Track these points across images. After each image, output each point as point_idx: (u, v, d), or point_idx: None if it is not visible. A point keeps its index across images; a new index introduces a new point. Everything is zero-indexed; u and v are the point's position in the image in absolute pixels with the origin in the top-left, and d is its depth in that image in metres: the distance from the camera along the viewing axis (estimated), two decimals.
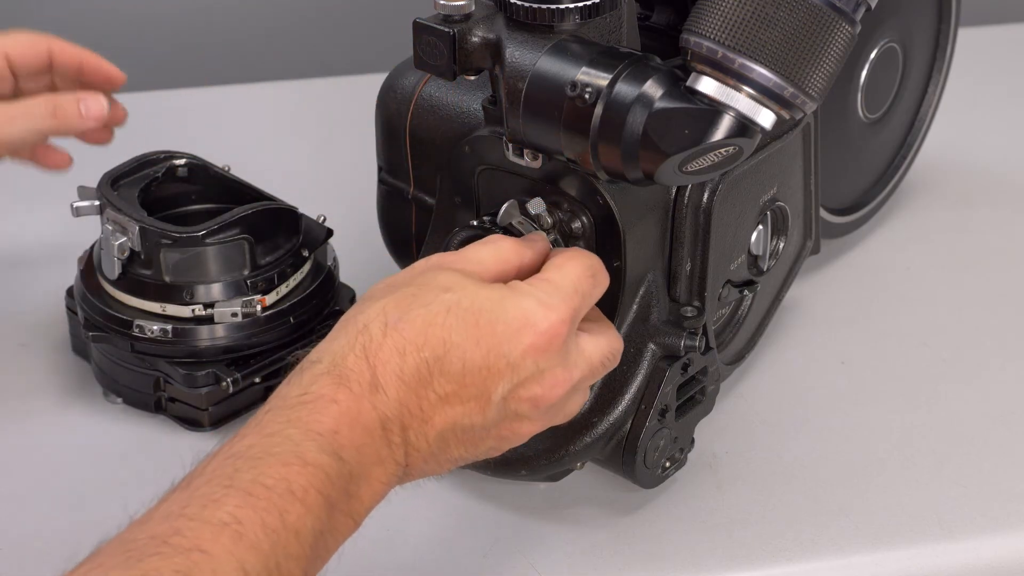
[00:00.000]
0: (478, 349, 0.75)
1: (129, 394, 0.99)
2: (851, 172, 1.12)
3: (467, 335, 0.75)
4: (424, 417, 0.74)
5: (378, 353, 0.74)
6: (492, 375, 0.75)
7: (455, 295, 0.76)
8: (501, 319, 0.75)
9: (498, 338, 0.75)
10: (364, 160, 1.11)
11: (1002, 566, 0.89)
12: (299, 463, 0.70)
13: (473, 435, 0.76)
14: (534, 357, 0.76)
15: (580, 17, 0.83)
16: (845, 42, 0.80)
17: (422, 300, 0.75)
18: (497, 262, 0.79)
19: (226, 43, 1.53)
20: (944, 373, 1.04)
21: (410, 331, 0.74)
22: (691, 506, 0.92)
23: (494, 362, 0.75)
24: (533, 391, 0.76)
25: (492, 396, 0.75)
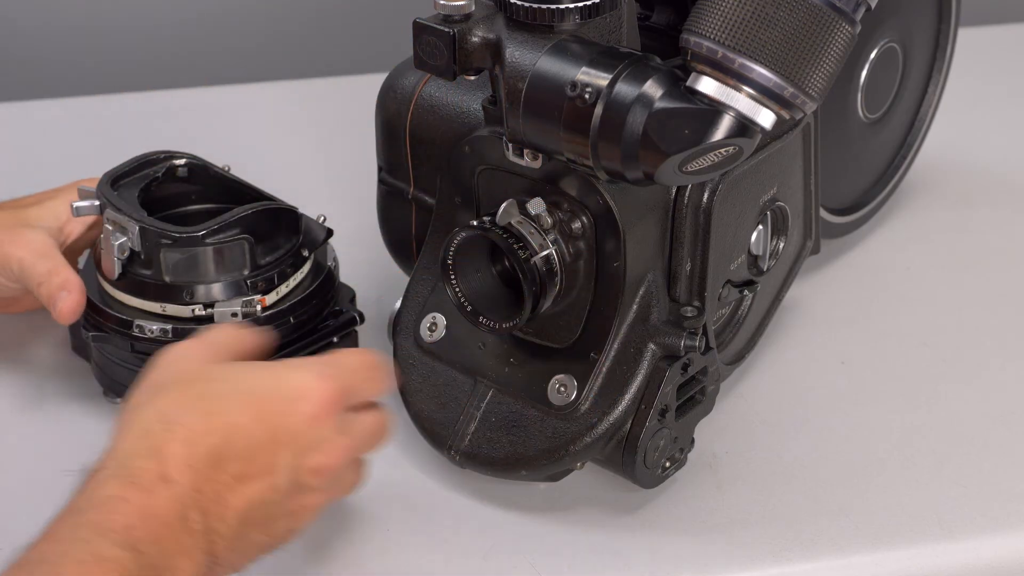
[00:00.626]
0: (260, 426, 0.77)
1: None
2: (851, 172, 1.12)
3: (248, 415, 0.77)
4: (222, 501, 0.75)
5: (164, 449, 0.74)
6: (277, 448, 0.77)
7: (228, 383, 0.78)
8: (278, 394, 0.78)
9: (278, 412, 0.77)
10: (364, 160, 1.11)
11: (1002, 566, 0.89)
12: (95, 560, 0.70)
13: (269, 513, 0.77)
14: (314, 426, 0.78)
15: (580, 17, 0.83)
16: (845, 42, 0.80)
17: (197, 392, 0.77)
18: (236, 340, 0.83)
19: (226, 43, 1.53)
20: (944, 373, 1.04)
21: (193, 422, 0.76)
22: (691, 506, 0.92)
23: (277, 435, 0.77)
24: (317, 460, 0.78)
25: (280, 468, 0.77)
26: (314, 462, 0.78)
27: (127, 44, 1.51)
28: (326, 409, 0.78)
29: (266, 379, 0.79)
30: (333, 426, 0.79)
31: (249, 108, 1.40)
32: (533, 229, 0.85)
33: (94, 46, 1.51)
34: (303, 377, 0.79)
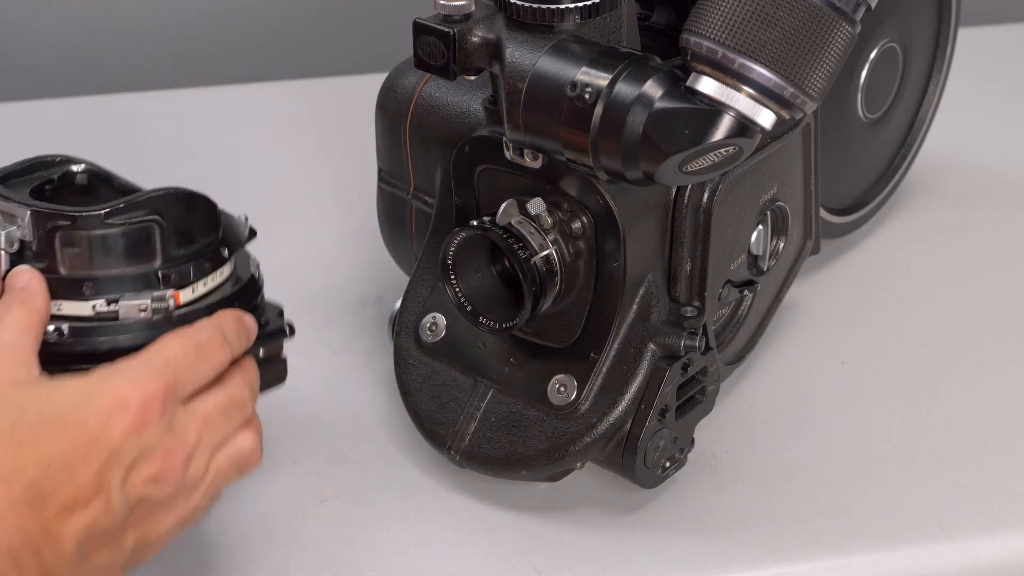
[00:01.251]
0: (77, 451, 0.71)
1: None
2: (851, 172, 1.12)
3: (63, 442, 0.71)
4: (53, 536, 0.70)
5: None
6: (100, 470, 0.71)
7: (34, 411, 0.72)
8: (90, 411, 0.72)
9: (93, 432, 0.72)
10: (364, 160, 1.11)
11: (1002, 566, 0.89)
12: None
13: (110, 535, 0.73)
14: (134, 437, 0.72)
15: (580, 17, 0.83)
16: (845, 42, 0.80)
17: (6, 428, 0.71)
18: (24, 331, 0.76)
19: (226, 43, 1.53)
20: (944, 373, 1.04)
21: (6, 462, 0.70)
22: (691, 506, 0.92)
23: (97, 456, 0.71)
24: (147, 471, 0.73)
25: (111, 489, 0.72)
26: (145, 473, 0.73)
27: (127, 44, 1.51)
28: (146, 415, 0.73)
29: (77, 396, 0.72)
30: (157, 430, 0.73)
31: (249, 108, 1.40)
32: (533, 229, 0.85)
33: (94, 46, 1.51)
34: (116, 386, 0.73)
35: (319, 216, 1.19)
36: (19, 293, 0.77)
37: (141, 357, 0.75)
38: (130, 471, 0.72)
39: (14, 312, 0.76)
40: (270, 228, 1.21)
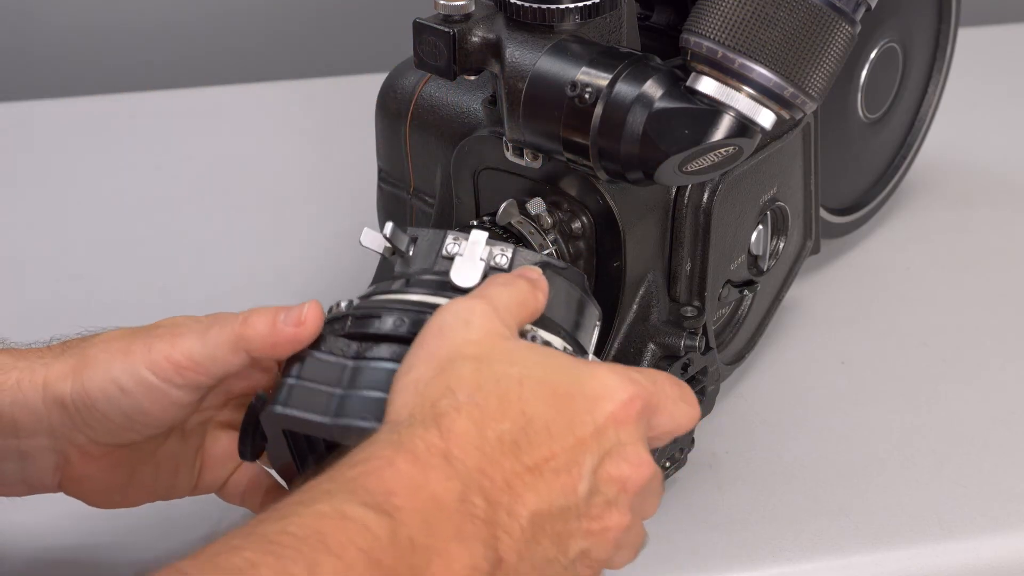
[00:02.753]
0: (561, 418, 0.68)
1: None
2: (851, 172, 1.12)
3: (547, 405, 0.68)
4: (514, 493, 0.66)
5: (452, 427, 0.66)
6: (579, 444, 0.68)
7: (525, 369, 0.69)
8: (578, 389, 0.69)
9: (578, 407, 0.68)
10: (364, 160, 1.11)
11: (1002, 566, 0.89)
12: (336, 516, 0.61)
13: (565, 524, 0.67)
14: (616, 428, 0.69)
15: (580, 17, 0.83)
16: (845, 42, 0.80)
17: (490, 375, 0.68)
18: (521, 306, 0.73)
19: (226, 43, 1.53)
20: (944, 373, 1.04)
21: (486, 405, 0.67)
22: (691, 506, 0.92)
23: (579, 430, 0.68)
24: (621, 468, 0.69)
25: (583, 468, 0.68)
26: (619, 471, 0.69)
27: (127, 44, 1.51)
28: (628, 411, 0.69)
29: (567, 371, 0.69)
30: (635, 433, 0.69)
31: (249, 108, 1.40)
32: (533, 229, 0.85)
33: (94, 46, 1.51)
34: (607, 376, 0.70)
35: (319, 216, 1.19)
36: (530, 279, 0.74)
37: (635, 368, 0.72)
38: (604, 459, 0.68)
39: (521, 283, 0.73)
40: (270, 228, 1.21)
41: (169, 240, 1.18)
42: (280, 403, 0.72)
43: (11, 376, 0.76)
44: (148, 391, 0.75)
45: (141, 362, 0.75)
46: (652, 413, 0.71)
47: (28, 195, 1.25)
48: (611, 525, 0.69)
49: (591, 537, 0.69)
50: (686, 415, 0.73)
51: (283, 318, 0.74)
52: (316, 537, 0.60)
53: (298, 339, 0.74)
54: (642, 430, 0.70)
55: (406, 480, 0.63)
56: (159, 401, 0.75)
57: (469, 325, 0.70)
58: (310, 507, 0.61)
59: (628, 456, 0.69)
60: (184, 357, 0.75)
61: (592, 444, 0.68)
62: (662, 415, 0.72)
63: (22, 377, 0.76)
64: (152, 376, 0.75)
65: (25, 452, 0.77)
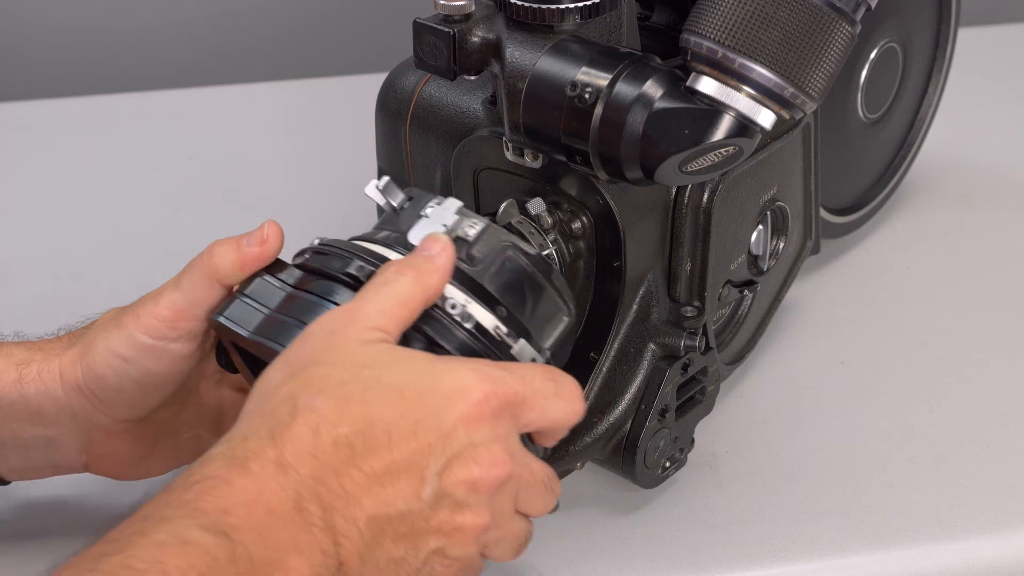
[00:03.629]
0: (404, 422, 0.67)
1: None
2: (851, 172, 1.12)
3: (391, 409, 0.67)
4: (350, 499, 0.66)
5: (285, 433, 0.66)
6: (422, 449, 0.67)
7: (374, 371, 0.68)
8: (430, 390, 0.68)
9: (427, 409, 0.67)
10: (364, 160, 1.11)
11: (1002, 566, 0.89)
12: (175, 543, 0.62)
13: (411, 526, 0.67)
14: (466, 428, 0.68)
15: (580, 17, 0.83)
16: (845, 42, 0.80)
17: (335, 380, 0.68)
18: (400, 305, 0.72)
19: (226, 43, 1.53)
20: (944, 373, 1.04)
21: (325, 409, 0.66)
22: (691, 506, 0.92)
23: (423, 434, 0.67)
24: (470, 470, 0.68)
25: (425, 472, 0.67)
26: (467, 472, 0.68)
27: (127, 44, 1.51)
28: (483, 412, 0.68)
29: (422, 372, 0.69)
30: (490, 433, 0.68)
31: (249, 108, 1.40)
32: (533, 229, 0.85)
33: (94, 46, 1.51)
34: (463, 374, 0.69)
35: (319, 216, 1.19)
36: (422, 262, 0.73)
37: (500, 364, 0.71)
38: (452, 462, 0.68)
39: (403, 280, 0.72)
40: None
41: (169, 240, 1.18)
42: (219, 313, 0.77)
43: (32, 369, 0.79)
44: (148, 352, 0.78)
45: (133, 328, 0.78)
46: (516, 408, 0.70)
47: (28, 195, 1.25)
48: (465, 525, 0.69)
49: (444, 537, 0.68)
50: (562, 411, 0.72)
51: (247, 241, 0.78)
52: (157, 568, 0.61)
53: (263, 257, 0.78)
54: (501, 428, 0.69)
55: (240, 496, 0.64)
56: (161, 359, 0.79)
57: (332, 334, 0.70)
58: (150, 537, 0.63)
59: (479, 457, 0.68)
60: (168, 310, 0.78)
61: (438, 447, 0.67)
62: (531, 411, 0.71)
63: (42, 368, 0.79)
64: (147, 338, 0.78)
65: (51, 438, 0.80)
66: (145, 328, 0.78)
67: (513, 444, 0.70)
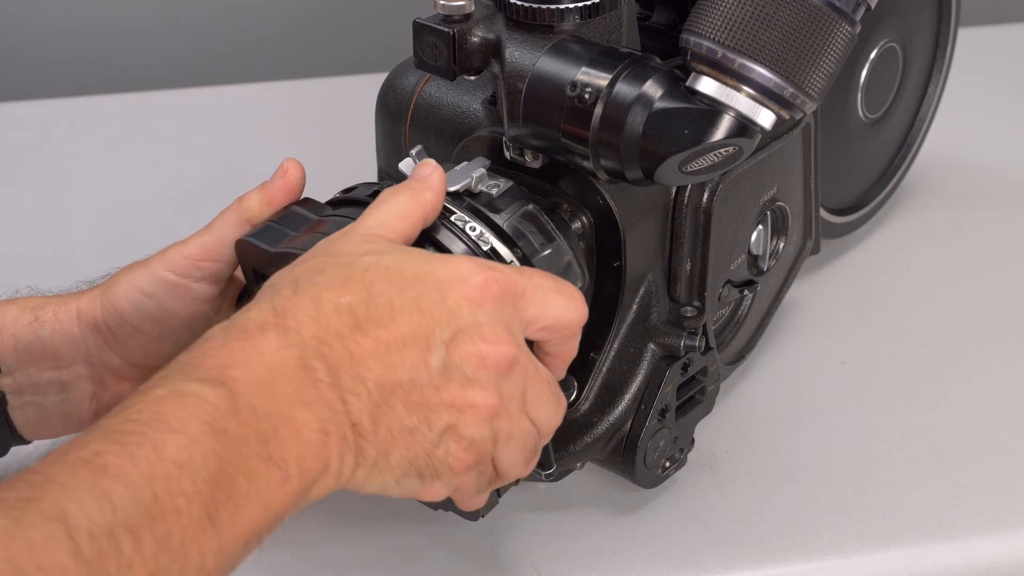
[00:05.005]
0: (406, 296, 0.67)
1: None
2: (851, 172, 1.12)
3: (392, 285, 0.67)
4: (354, 358, 0.65)
5: (286, 304, 0.66)
6: (426, 320, 0.67)
7: (373, 256, 0.69)
8: (430, 272, 0.68)
9: (427, 287, 0.68)
10: (364, 160, 1.11)
11: (1002, 566, 0.89)
12: (174, 396, 0.61)
13: (421, 394, 0.67)
14: (470, 308, 0.68)
15: (580, 17, 0.83)
16: (845, 42, 0.80)
17: (336, 263, 0.68)
18: (399, 219, 0.73)
19: (226, 43, 1.53)
20: (944, 373, 1.04)
21: (326, 282, 0.67)
22: (691, 506, 0.92)
23: (426, 307, 0.67)
24: (476, 346, 0.68)
25: (431, 341, 0.67)
26: (475, 348, 0.68)
27: (127, 44, 1.51)
28: (485, 295, 0.68)
29: (421, 259, 0.69)
30: (493, 315, 0.68)
31: (249, 108, 1.40)
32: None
33: (94, 46, 1.51)
34: (462, 262, 0.69)
35: None
36: (415, 182, 0.75)
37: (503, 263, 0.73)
38: (458, 335, 0.68)
39: (399, 197, 0.74)
40: None
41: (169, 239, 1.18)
42: (248, 235, 0.79)
43: (47, 310, 0.81)
44: (170, 289, 0.80)
45: (158, 265, 0.80)
46: (517, 299, 0.70)
47: (28, 195, 1.25)
48: (476, 402, 0.68)
49: (456, 412, 0.68)
50: (562, 307, 0.73)
51: (271, 179, 0.80)
52: (157, 418, 0.60)
53: (288, 187, 0.80)
54: (504, 314, 0.69)
55: (239, 355, 0.63)
56: (182, 297, 0.80)
57: (334, 240, 0.72)
58: (148, 394, 0.62)
59: (485, 335, 0.68)
60: (195, 248, 0.80)
61: (442, 320, 0.67)
62: (531, 304, 0.71)
63: (58, 309, 0.81)
64: (170, 274, 0.80)
65: (65, 383, 0.81)
66: (170, 265, 0.80)
67: (518, 332, 0.70)
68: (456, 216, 0.80)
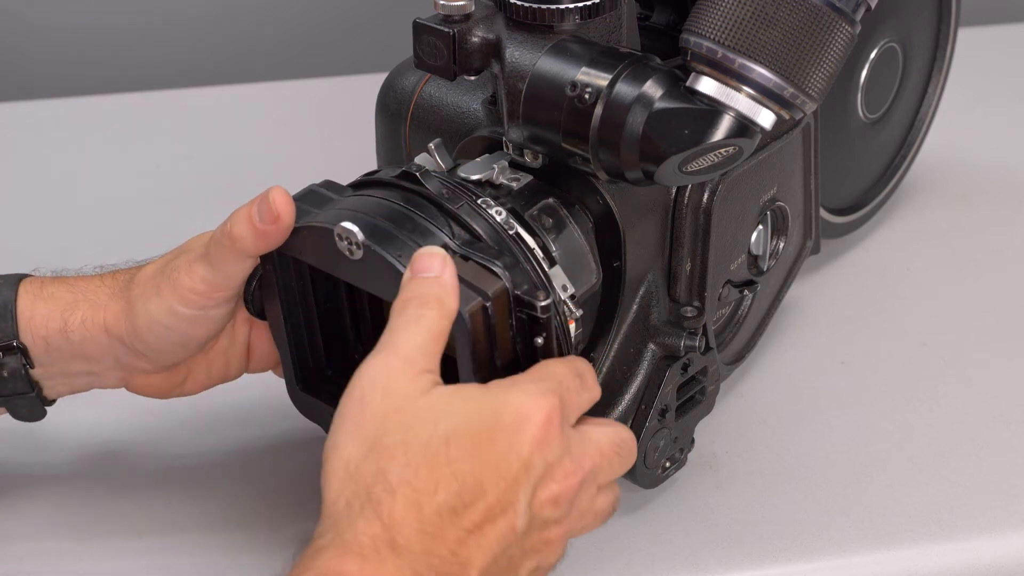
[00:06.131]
0: (487, 467, 0.70)
1: None
2: (851, 172, 1.12)
3: (473, 459, 0.70)
4: (460, 561, 0.69)
5: (391, 514, 0.68)
6: (511, 485, 0.71)
7: (445, 423, 0.71)
8: (498, 425, 0.71)
9: (502, 446, 0.71)
10: (364, 160, 1.11)
11: (1002, 566, 0.89)
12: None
13: (510, 559, 0.71)
14: (539, 453, 0.72)
15: (580, 17, 0.83)
16: (845, 42, 0.80)
17: (416, 445, 0.70)
18: (436, 341, 0.74)
19: (226, 43, 1.53)
20: (944, 373, 1.04)
21: (418, 481, 0.69)
22: (691, 506, 0.92)
23: (507, 471, 0.71)
24: (550, 489, 0.72)
25: (517, 507, 0.71)
26: (549, 492, 0.72)
27: (127, 44, 1.51)
28: (548, 431, 0.72)
29: (482, 409, 0.71)
30: (558, 449, 0.72)
31: (249, 108, 1.40)
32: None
33: (94, 46, 1.51)
34: (517, 400, 0.72)
35: None
36: (434, 288, 0.75)
37: (531, 374, 0.74)
38: (536, 488, 0.72)
39: (430, 314, 0.74)
40: None
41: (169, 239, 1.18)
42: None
43: (77, 316, 0.83)
44: (188, 321, 0.82)
45: (172, 300, 0.82)
46: (567, 416, 0.74)
47: (28, 195, 1.25)
48: (554, 538, 0.73)
49: (538, 554, 0.73)
50: (588, 401, 0.77)
51: (259, 219, 0.79)
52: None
53: (281, 231, 0.80)
54: (565, 439, 0.73)
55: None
56: (202, 325, 0.83)
57: (388, 392, 0.72)
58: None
59: (555, 476, 0.72)
60: (203, 284, 0.81)
61: (523, 479, 0.71)
62: (573, 411, 0.75)
63: (86, 317, 0.83)
64: (185, 309, 0.82)
65: (95, 372, 0.86)
66: (183, 301, 0.81)
67: (575, 446, 0.74)
68: (482, 200, 0.81)
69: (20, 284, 0.84)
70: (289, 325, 0.85)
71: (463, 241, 0.79)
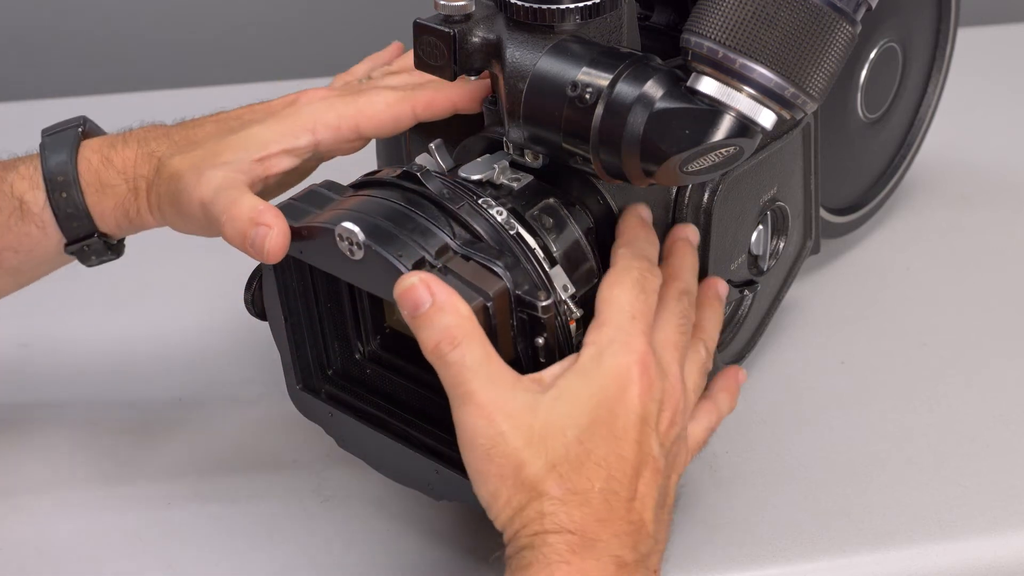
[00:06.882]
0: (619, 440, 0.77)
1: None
2: (851, 172, 1.12)
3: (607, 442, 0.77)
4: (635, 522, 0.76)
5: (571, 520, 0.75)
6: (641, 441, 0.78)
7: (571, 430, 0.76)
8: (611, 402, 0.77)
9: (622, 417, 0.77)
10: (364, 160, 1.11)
11: (1002, 566, 0.89)
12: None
13: (664, 491, 0.79)
14: (650, 398, 0.78)
15: (580, 17, 0.83)
16: (846, 42, 0.80)
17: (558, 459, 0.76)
18: (489, 359, 0.77)
19: (226, 43, 1.53)
20: (944, 373, 1.04)
21: (576, 485, 0.76)
22: (691, 506, 0.92)
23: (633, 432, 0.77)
24: (666, 417, 0.79)
25: (653, 451, 0.78)
26: (665, 420, 0.79)
27: (127, 44, 1.51)
28: (648, 376, 0.78)
29: (592, 395, 0.77)
30: (659, 382, 0.79)
31: None
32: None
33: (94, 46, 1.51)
34: (614, 364, 0.78)
35: None
36: (445, 318, 0.76)
37: (606, 320, 0.79)
38: (657, 427, 0.79)
39: (467, 343, 0.76)
40: None
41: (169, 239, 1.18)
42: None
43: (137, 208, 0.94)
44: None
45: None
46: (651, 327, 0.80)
47: None
48: (680, 446, 0.81)
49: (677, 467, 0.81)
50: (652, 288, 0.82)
51: (250, 247, 0.82)
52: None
53: (275, 255, 0.82)
54: (659, 370, 0.79)
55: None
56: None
57: (504, 435, 0.76)
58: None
59: (666, 405, 0.79)
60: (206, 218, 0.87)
61: (647, 429, 0.78)
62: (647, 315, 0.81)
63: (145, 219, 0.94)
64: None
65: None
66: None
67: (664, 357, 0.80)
68: (483, 200, 0.82)
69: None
70: (289, 325, 0.85)
71: (464, 241, 0.80)
